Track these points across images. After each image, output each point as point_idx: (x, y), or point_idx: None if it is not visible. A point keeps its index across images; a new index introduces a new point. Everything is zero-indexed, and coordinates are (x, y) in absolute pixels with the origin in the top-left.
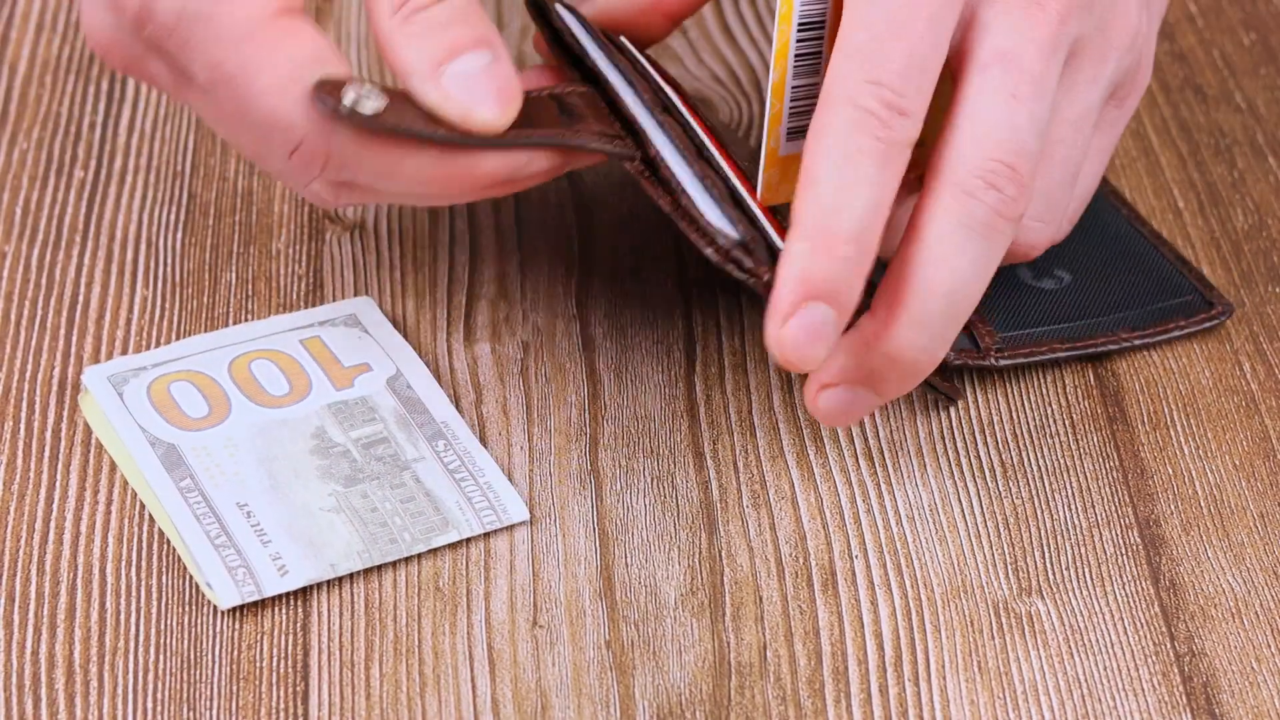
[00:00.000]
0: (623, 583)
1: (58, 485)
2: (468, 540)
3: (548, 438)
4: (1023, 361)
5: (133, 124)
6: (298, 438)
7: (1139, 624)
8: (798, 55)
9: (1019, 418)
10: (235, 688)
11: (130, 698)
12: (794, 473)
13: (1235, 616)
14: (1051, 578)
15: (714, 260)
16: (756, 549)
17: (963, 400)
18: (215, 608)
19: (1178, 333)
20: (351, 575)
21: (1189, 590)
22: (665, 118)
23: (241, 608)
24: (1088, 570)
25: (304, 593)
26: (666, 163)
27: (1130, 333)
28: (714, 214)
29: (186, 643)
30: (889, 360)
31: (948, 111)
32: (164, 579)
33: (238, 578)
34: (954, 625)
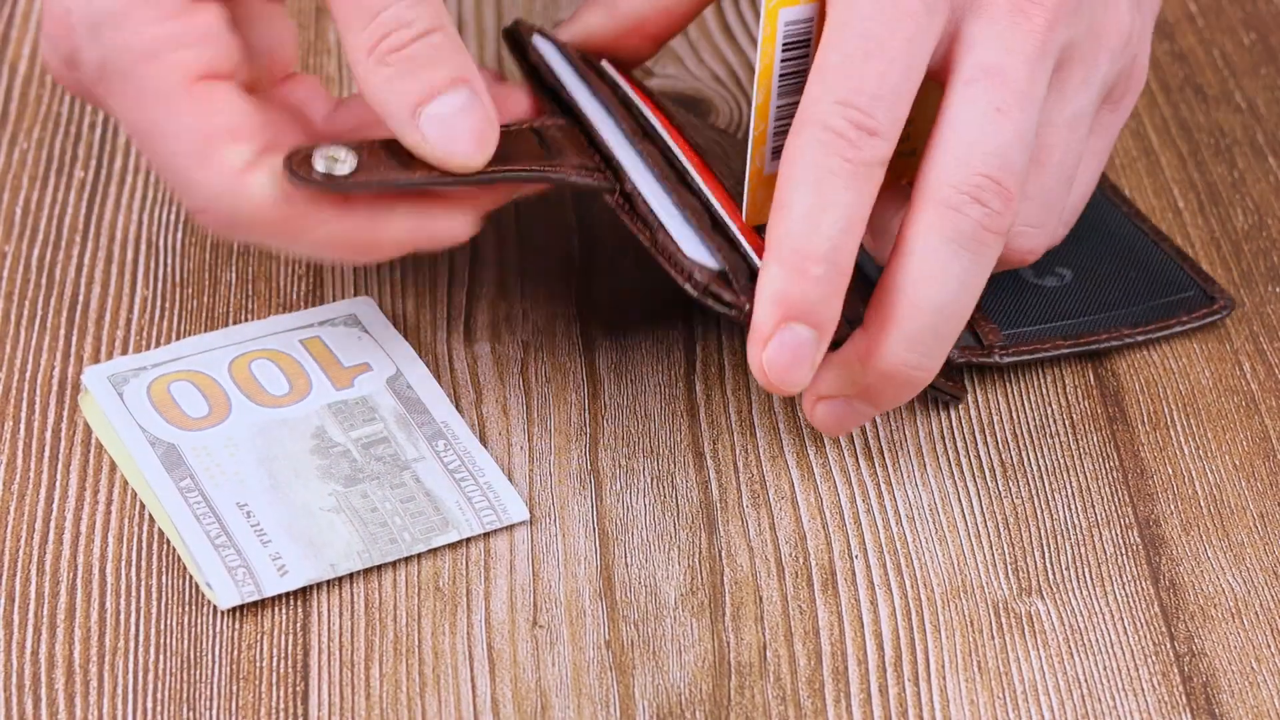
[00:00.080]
0: (623, 583)
1: (58, 485)
2: (468, 540)
3: (548, 438)
4: (1026, 358)
5: None
6: (298, 438)
7: (1139, 624)
8: (782, 76)
9: (1019, 418)
10: (235, 688)
11: (130, 698)
12: (794, 473)
13: (1235, 616)
14: (1051, 578)
15: (692, 295)
16: (756, 549)
17: (963, 400)
18: (215, 608)
19: (1180, 328)
20: (351, 575)
21: (1189, 590)
22: (645, 146)
23: (241, 608)
24: (1088, 570)
25: (304, 593)
26: (644, 197)
27: (1133, 329)
28: (692, 246)
29: (186, 643)
30: (882, 376)
31: (934, 126)
32: (164, 579)
33: (237, 578)
34: (954, 625)
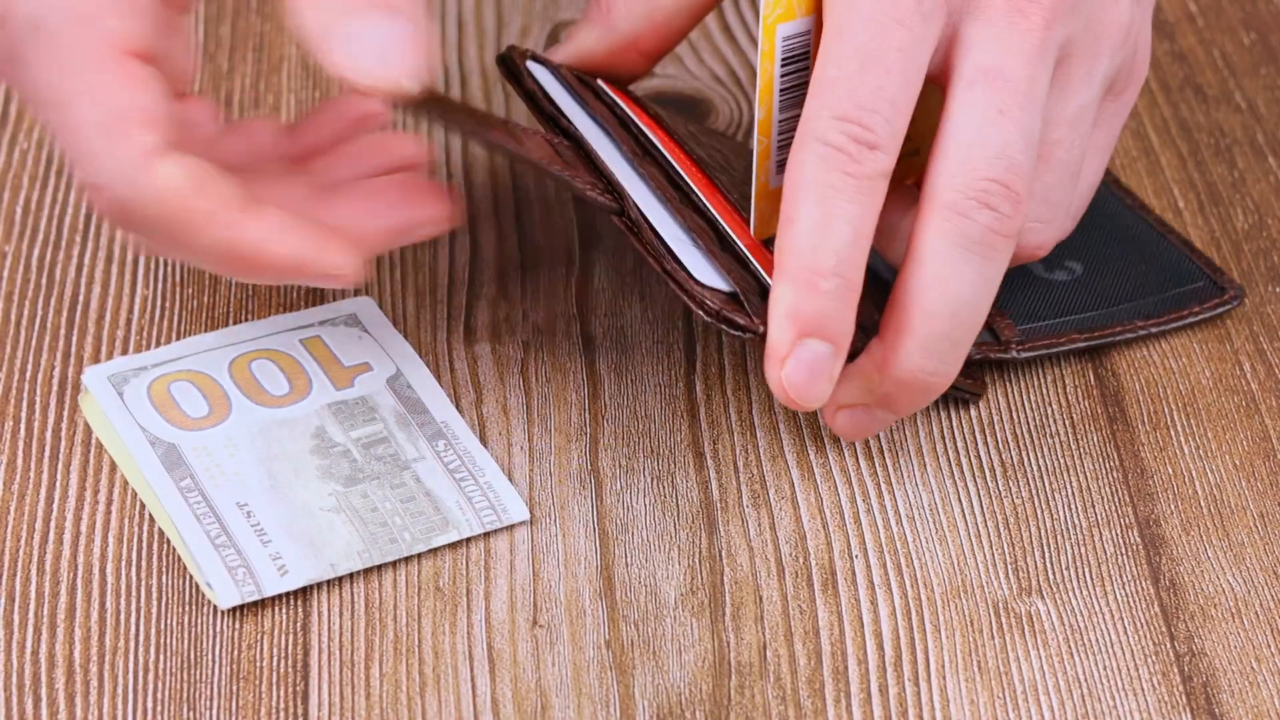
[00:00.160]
0: (623, 582)
1: (58, 485)
2: (468, 540)
3: (548, 438)
4: (1043, 353)
5: None
6: (298, 437)
7: (1139, 624)
8: (782, 90)
9: (1019, 418)
10: (235, 688)
11: (130, 698)
12: (794, 473)
13: (1235, 616)
14: (1051, 578)
15: (707, 321)
16: (756, 549)
17: (983, 397)
18: (215, 608)
19: (1192, 319)
20: (351, 575)
21: (1189, 590)
22: (647, 167)
23: (241, 608)
24: (1088, 570)
25: (304, 593)
26: (650, 224)
27: (1146, 321)
28: (702, 270)
29: (186, 643)
30: (900, 384)
31: (937, 130)
32: (164, 579)
33: (238, 578)
34: (954, 625)
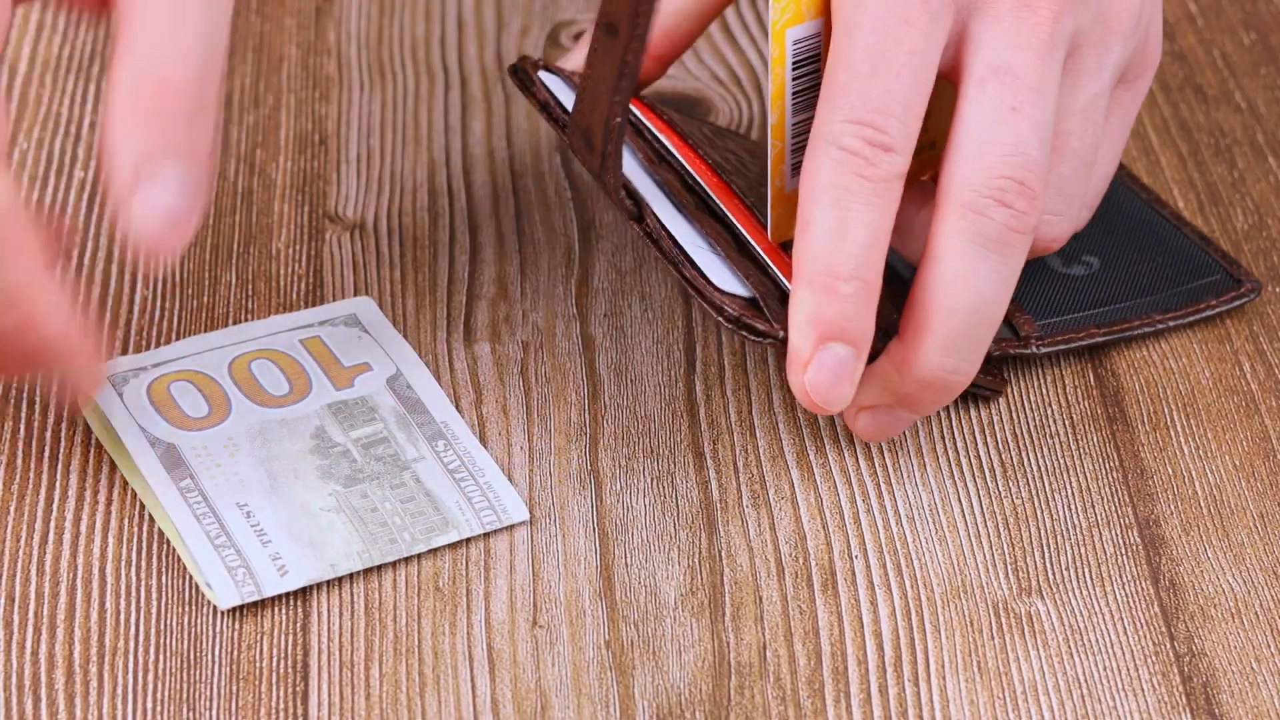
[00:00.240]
0: (623, 583)
1: (58, 485)
2: (468, 540)
3: (548, 438)
4: (1063, 348)
5: None
6: (298, 438)
7: (1139, 624)
8: (795, 93)
9: (1019, 418)
10: (235, 688)
11: (130, 698)
12: (794, 473)
13: (1235, 616)
14: (1051, 578)
15: (728, 328)
16: (756, 549)
17: (1003, 394)
18: (215, 608)
19: (1210, 312)
20: (351, 575)
21: (1189, 590)
22: (663, 173)
23: (241, 608)
24: (1088, 570)
25: (304, 593)
26: (668, 232)
27: (1164, 314)
28: (721, 276)
29: (186, 643)
30: (920, 384)
31: (951, 128)
32: (164, 579)
33: (237, 578)
34: (954, 625)
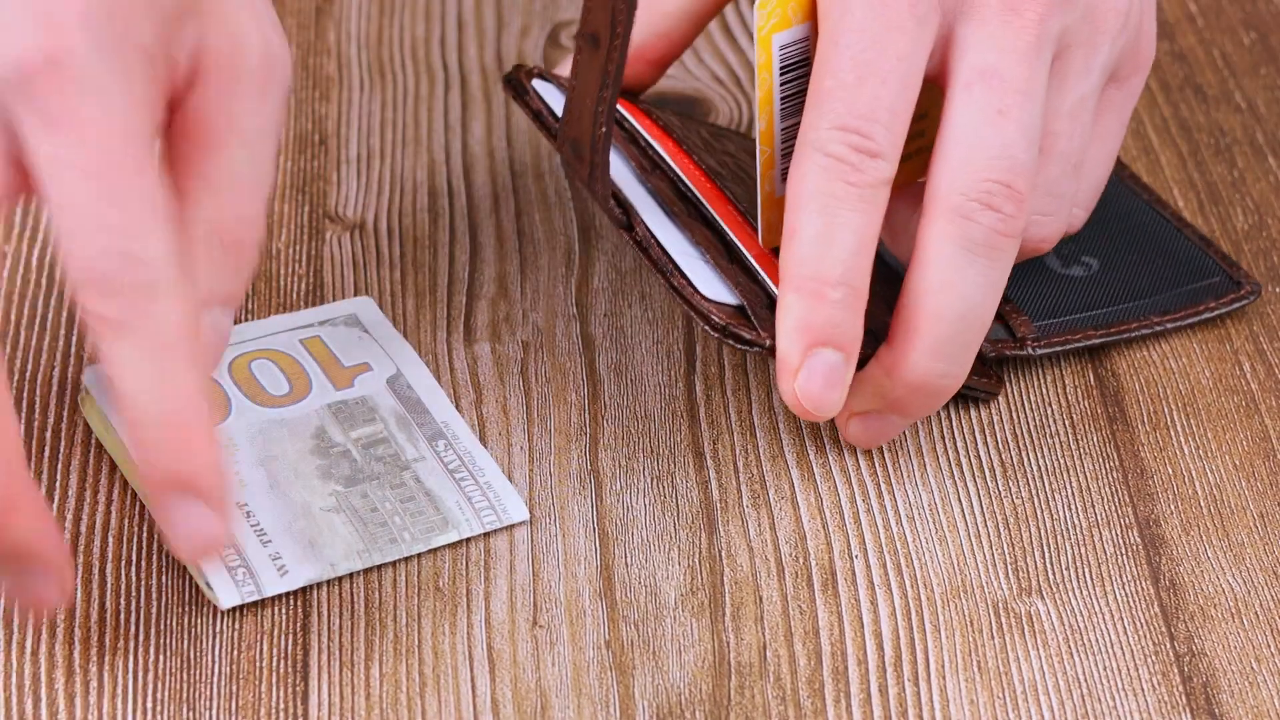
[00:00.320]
0: (623, 583)
1: (58, 485)
2: (468, 540)
3: (548, 438)
4: (1059, 349)
5: None
6: (298, 438)
7: (1139, 624)
8: (783, 98)
9: (1019, 418)
10: (235, 688)
11: (130, 698)
12: (794, 473)
13: (1235, 616)
14: (1051, 578)
15: (714, 337)
16: (756, 549)
17: (998, 396)
18: (215, 608)
19: (1209, 314)
20: (351, 575)
21: (1189, 590)
22: (654, 180)
23: (241, 608)
24: (1088, 570)
25: (304, 593)
26: (657, 240)
27: (1162, 316)
28: (709, 285)
29: (186, 643)
30: (910, 388)
31: (938, 133)
32: (164, 579)
33: (238, 578)
34: (954, 625)
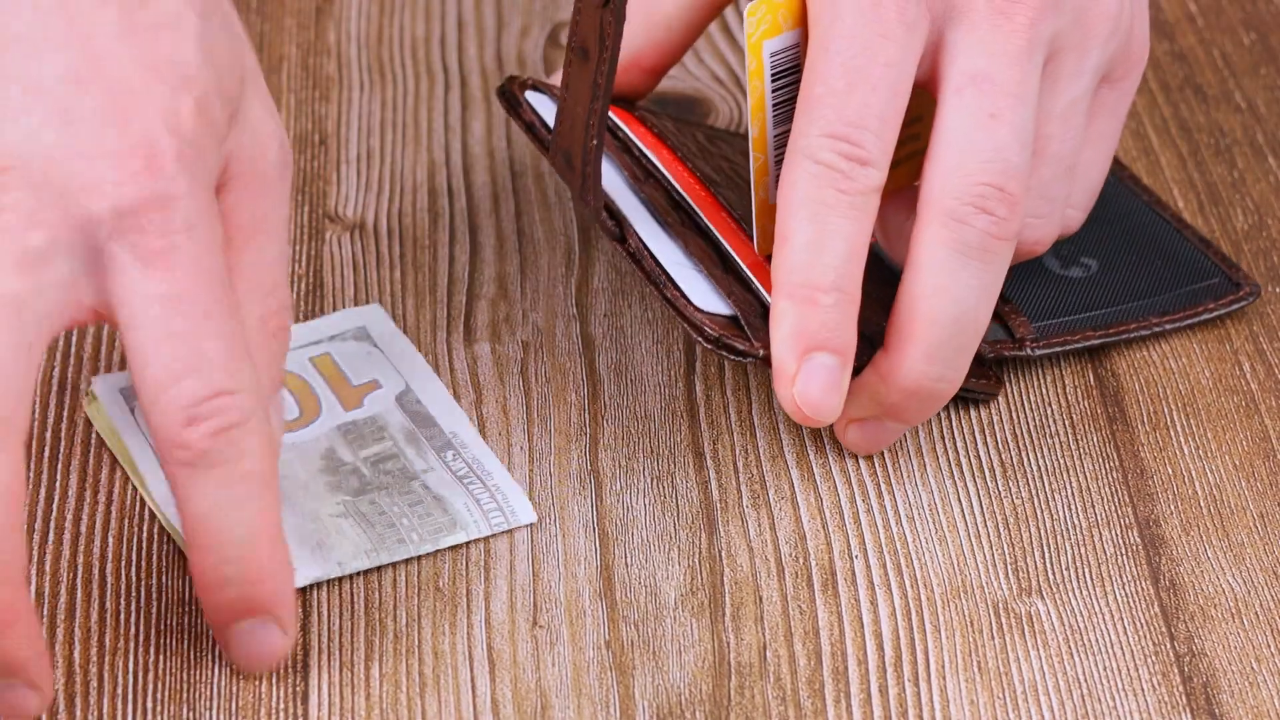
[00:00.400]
0: (623, 583)
1: (58, 485)
2: (467, 540)
3: (548, 438)
4: (1058, 350)
5: None
6: (307, 460)
7: (1139, 624)
8: (775, 105)
9: (1019, 418)
10: (235, 688)
11: (130, 698)
12: (794, 473)
13: (1235, 616)
14: (1051, 578)
15: (707, 349)
16: (756, 549)
17: (997, 397)
18: None
19: (1207, 315)
20: (351, 575)
21: (1189, 590)
22: (648, 190)
23: None
24: (1088, 570)
25: (304, 593)
26: (650, 252)
27: (1161, 317)
28: (702, 295)
29: (186, 643)
30: (906, 393)
31: (931, 137)
32: (164, 579)
33: None
34: (954, 625)
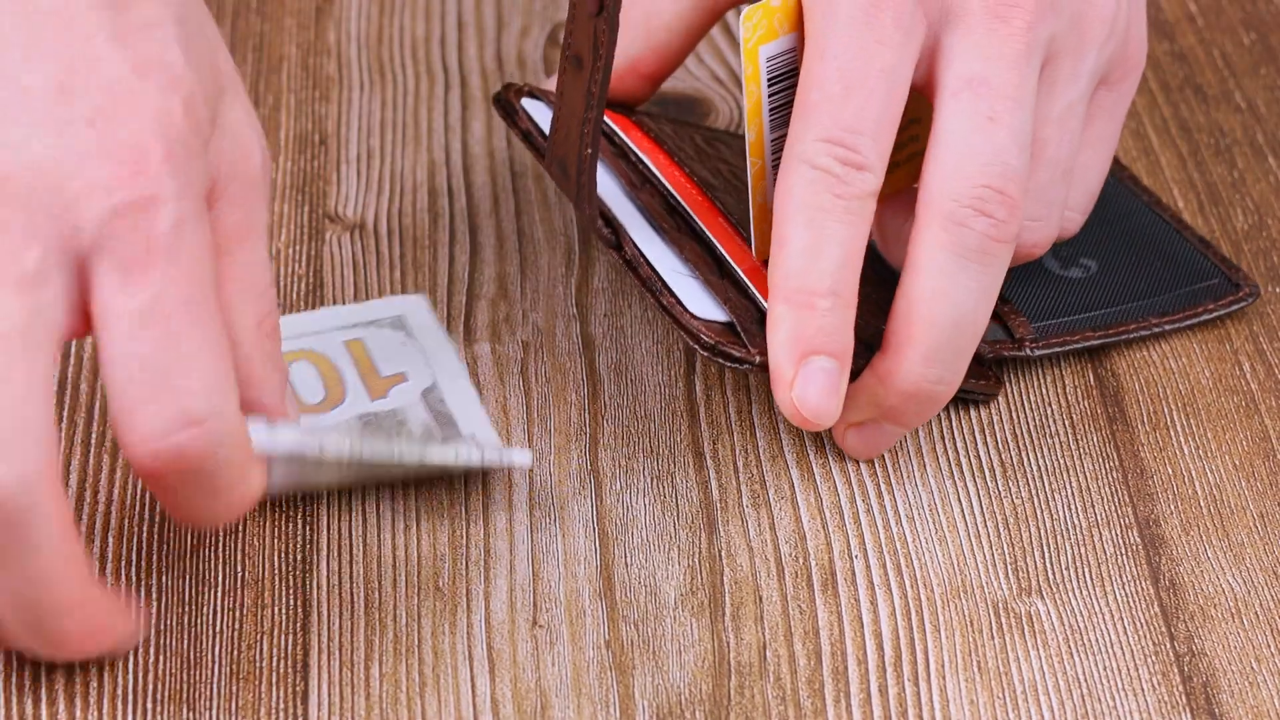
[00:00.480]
0: (622, 583)
1: None
2: (467, 540)
3: (548, 437)
4: (1057, 350)
5: None
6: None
7: (1139, 624)
8: (771, 110)
9: (1019, 418)
10: (235, 688)
11: (130, 698)
12: (794, 473)
13: (1235, 616)
14: (1051, 578)
15: (704, 356)
16: (756, 549)
17: (996, 398)
18: (215, 608)
19: (1207, 316)
20: (351, 575)
21: (1189, 590)
22: (644, 196)
23: (242, 608)
24: (1088, 570)
25: (304, 592)
26: (646, 259)
27: (1161, 318)
28: (698, 302)
29: (186, 643)
30: (904, 396)
31: (929, 141)
32: (164, 579)
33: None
34: (954, 625)
